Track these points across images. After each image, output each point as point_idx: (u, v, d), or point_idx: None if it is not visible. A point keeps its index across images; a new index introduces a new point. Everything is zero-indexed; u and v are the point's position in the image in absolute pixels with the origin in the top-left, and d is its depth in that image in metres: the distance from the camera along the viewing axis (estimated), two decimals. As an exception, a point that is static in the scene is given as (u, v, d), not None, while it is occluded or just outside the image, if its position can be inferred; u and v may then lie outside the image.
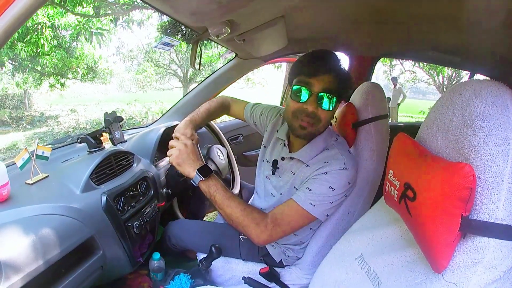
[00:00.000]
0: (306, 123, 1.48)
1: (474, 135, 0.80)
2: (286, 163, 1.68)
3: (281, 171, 1.71)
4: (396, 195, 0.98)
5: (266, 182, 1.80)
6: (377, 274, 1.07)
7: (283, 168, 1.70)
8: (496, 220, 0.75)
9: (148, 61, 17.03)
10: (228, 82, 2.79)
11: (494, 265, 0.76)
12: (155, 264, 1.76)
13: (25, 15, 0.76)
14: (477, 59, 2.15)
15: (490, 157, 0.76)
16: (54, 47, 10.49)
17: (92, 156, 1.68)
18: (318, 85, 1.42)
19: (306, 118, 1.47)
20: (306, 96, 1.44)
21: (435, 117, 1.00)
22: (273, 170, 1.73)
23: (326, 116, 1.48)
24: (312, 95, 1.43)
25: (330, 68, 1.45)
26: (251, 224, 1.47)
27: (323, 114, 1.47)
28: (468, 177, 0.75)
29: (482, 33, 1.43)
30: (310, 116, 1.46)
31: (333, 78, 1.44)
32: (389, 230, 1.15)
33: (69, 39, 11.15)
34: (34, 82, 12.90)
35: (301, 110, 1.47)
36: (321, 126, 1.52)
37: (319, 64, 1.45)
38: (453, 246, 0.80)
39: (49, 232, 1.20)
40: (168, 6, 1.22)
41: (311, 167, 1.55)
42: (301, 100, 1.45)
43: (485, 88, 0.81)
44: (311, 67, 1.45)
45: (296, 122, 1.51)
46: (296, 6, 1.44)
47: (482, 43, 1.64)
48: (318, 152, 1.57)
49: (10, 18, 0.74)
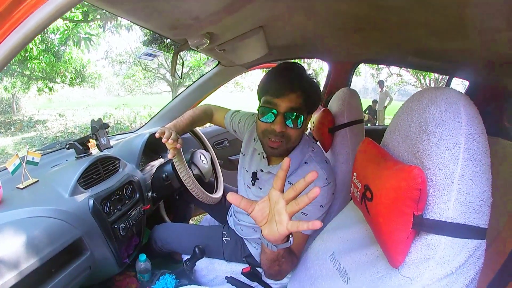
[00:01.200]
0: (275, 143, 1.47)
1: (428, 140, 0.85)
2: (265, 175, 1.67)
3: (261, 182, 1.70)
4: (358, 196, 1.04)
5: (247, 191, 1.79)
6: (346, 270, 1.12)
7: (263, 179, 1.69)
8: (447, 219, 0.78)
9: (137, 65, 16.87)
10: (213, 88, 2.83)
11: (446, 261, 0.79)
12: (142, 265, 1.81)
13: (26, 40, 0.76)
14: (455, 63, 2.21)
15: (441, 160, 0.80)
16: (43, 51, 10.39)
17: (80, 162, 1.73)
18: (284, 105, 1.41)
19: (275, 138, 1.45)
20: (272, 117, 1.43)
21: (397, 123, 1.04)
22: (252, 181, 1.73)
23: (295, 134, 1.47)
24: (279, 115, 1.42)
25: (295, 86, 1.42)
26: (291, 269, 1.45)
27: (292, 132, 1.45)
28: (417, 179, 0.79)
29: (460, 38, 1.47)
30: (278, 135, 1.44)
31: (299, 96, 1.42)
32: (357, 229, 1.20)
33: (57, 43, 11.06)
34: (22, 86, 12.80)
35: (269, 131, 1.46)
36: (292, 142, 1.50)
37: (284, 82, 1.43)
38: (408, 243, 0.84)
39: (40, 233, 1.28)
40: (147, 22, 1.28)
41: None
42: (268, 121, 1.45)
43: (440, 95, 0.86)
44: (276, 87, 1.44)
45: (266, 141, 1.50)
46: (274, 16, 1.47)
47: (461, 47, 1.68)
48: (297, 166, 1.56)
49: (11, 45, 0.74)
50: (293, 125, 1.43)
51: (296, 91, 1.42)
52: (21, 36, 0.72)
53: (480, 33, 1.33)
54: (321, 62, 17.88)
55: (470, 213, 0.78)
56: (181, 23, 1.26)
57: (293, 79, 1.44)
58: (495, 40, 1.37)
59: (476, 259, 0.80)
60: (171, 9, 1.15)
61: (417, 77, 17.11)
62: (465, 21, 1.23)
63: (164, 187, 2.13)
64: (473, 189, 0.77)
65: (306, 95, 1.44)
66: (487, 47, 1.53)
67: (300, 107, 1.42)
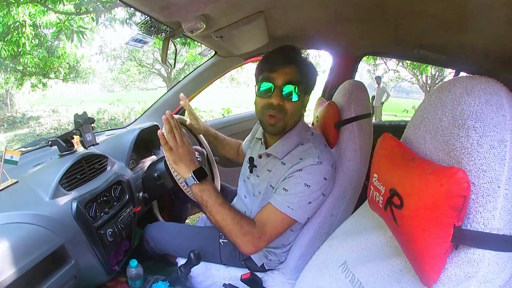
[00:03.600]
0: (273, 119, 1.51)
1: (466, 136, 0.74)
2: (262, 161, 1.70)
3: (258, 169, 1.72)
4: (381, 201, 0.92)
5: (246, 183, 1.80)
6: (362, 283, 1.02)
7: (260, 166, 1.71)
8: (492, 230, 0.69)
9: (131, 60, 16.96)
10: (208, 81, 2.75)
11: (489, 279, 0.70)
12: (133, 272, 1.71)
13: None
14: (463, 57, 2.14)
15: (485, 160, 0.70)
16: (36, 46, 10.43)
17: (63, 160, 1.61)
18: (280, 78, 1.47)
19: (273, 112, 1.49)
20: (269, 90, 1.49)
21: (422, 117, 0.93)
22: (250, 168, 1.76)
23: (292, 108, 1.51)
24: (276, 88, 1.47)
25: (289, 60, 1.49)
26: (239, 234, 1.45)
27: (289, 106, 1.50)
28: (462, 183, 0.68)
29: (470, 30, 1.41)
30: (276, 109, 1.48)
31: (294, 68, 1.48)
32: (374, 237, 1.10)
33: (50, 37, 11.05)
34: (15, 82, 12.85)
35: (267, 105, 1.50)
36: (289, 118, 1.53)
37: (278, 58, 1.51)
38: (444, 259, 0.74)
39: (17, 242, 1.16)
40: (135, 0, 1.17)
41: (286, 164, 1.55)
42: (265, 95, 1.50)
43: (478, 85, 0.75)
44: (271, 62, 1.52)
45: (265, 118, 1.54)
46: (275, 1, 1.42)
47: (470, 40, 1.63)
48: (292, 147, 1.58)
49: None
50: (289, 98, 1.49)
51: (291, 64, 1.49)
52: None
53: (489, 25, 1.28)
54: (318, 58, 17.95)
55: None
56: (173, 2, 1.15)
57: (287, 54, 1.52)
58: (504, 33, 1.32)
59: (521, 275, 0.70)
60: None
61: (414, 73, 17.25)
62: (474, 13, 1.18)
63: (156, 187, 2.04)
64: None
65: (301, 68, 1.51)
66: (496, 41, 1.49)
67: (296, 80, 1.48)
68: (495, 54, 1.76)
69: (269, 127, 1.55)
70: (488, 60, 1.96)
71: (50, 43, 11.23)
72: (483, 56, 1.92)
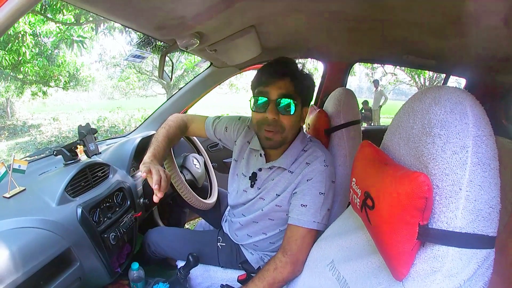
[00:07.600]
0: (270, 133, 1.48)
1: (432, 143, 0.80)
2: (264, 173, 1.66)
3: (259, 182, 1.68)
4: (358, 203, 0.99)
5: (244, 195, 1.75)
6: (346, 280, 1.08)
7: (262, 178, 1.67)
8: (455, 229, 0.74)
9: (131, 68, 16.84)
10: (205, 90, 2.77)
11: (454, 274, 0.75)
12: (134, 274, 1.76)
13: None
14: (451, 62, 2.19)
15: (448, 165, 0.75)
16: (36, 55, 10.38)
17: (67, 169, 1.67)
18: (274, 92, 1.43)
19: (269, 127, 1.46)
20: (264, 104, 1.46)
21: (398, 125, 0.99)
22: (252, 183, 1.70)
23: (289, 122, 1.48)
24: (270, 102, 1.44)
25: (284, 73, 1.46)
26: (273, 274, 1.44)
27: (285, 120, 1.46)
28: (423, 186, 0.75)
29: (456, 35, 1.45)
30: (272, 124, 1.46)
31: (289, 82, 1.45)
32: (357, 237, 1.15)
33: (50, 46, 11.03)
34: (16, 91, 12.75)
35: (263, 120, 1.47)
36: (287, 133, 1.50)
37: (273, 71, 1.47)
38: (412, 255, 0.80)
39: (26, 245, 1.22)
40: (130, 21, 1.23)
41: (294, 172, 1.54)
42: (261, 110, 1.47)
43: (445, 95, 0.81)
44: (266, 76, 1.48)
45: (261, 133, 1.51)
46: (265, 16, 1.45)
47: (456, 46, 1.66)
48: (298, 156, 1.57)
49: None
50: (285, 112, 1.45)
51: (286, 77, 1.45)
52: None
53: (476, 30, 1.31)
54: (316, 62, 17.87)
55: (479, 222, 0.73)
56: (167, 23, 1.22)
57: (282, 67, 1.49)
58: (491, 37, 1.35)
59: (485, 270, 0.76)
60: (152, 8, 1.11)
61: (412, 76, 17.14)
62: (461, 19, 1.21)
63: None
64: (482, 195, 0.73)
65: (297, 81, 1.47)
66: (484, 45, 1.52)
67: (291, 94, 1.45)
68: (483, 58, 1.80)
69: (266, 142, 1.52)
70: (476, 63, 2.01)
71: (50, 51, 11.13)
72: (471, 60, 1.96)
